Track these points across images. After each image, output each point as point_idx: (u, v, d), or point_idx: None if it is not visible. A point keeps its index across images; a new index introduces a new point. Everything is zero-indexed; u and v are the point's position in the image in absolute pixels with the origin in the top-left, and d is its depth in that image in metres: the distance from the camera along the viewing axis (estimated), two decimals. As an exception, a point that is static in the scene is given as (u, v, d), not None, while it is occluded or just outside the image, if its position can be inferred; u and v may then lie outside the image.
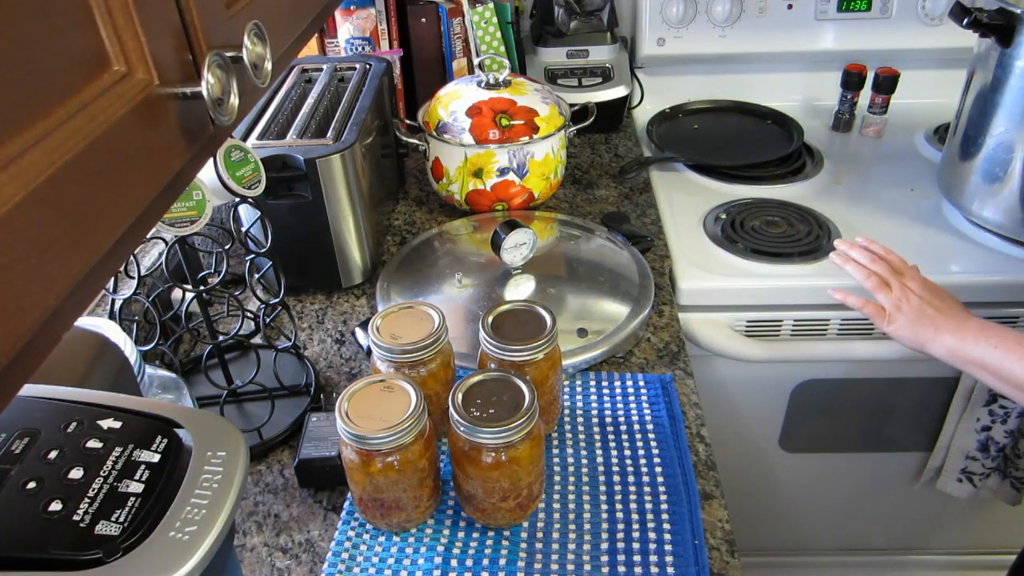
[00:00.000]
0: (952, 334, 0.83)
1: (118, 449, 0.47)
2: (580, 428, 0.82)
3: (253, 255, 0.85)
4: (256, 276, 0.96)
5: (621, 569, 0.68)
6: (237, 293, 0.93)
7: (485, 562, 0.69)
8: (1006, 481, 1.16)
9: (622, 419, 0.83)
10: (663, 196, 1.23)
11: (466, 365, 0.84)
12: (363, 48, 1.29)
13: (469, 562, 0.69)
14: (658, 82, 1.51)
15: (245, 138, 0.97)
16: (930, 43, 1.41)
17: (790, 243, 1.11)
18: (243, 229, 0.88)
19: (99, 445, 0.47)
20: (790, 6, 1.41)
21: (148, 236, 0.77)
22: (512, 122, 1.08)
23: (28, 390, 0.51)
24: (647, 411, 0.84)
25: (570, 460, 0.79)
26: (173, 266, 0.86)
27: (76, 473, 0.45)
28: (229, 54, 0.40)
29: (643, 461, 0.78)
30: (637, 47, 1.48)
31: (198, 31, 0.39)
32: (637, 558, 0.68)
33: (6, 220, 0.25)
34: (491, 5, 1.33)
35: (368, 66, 1.16)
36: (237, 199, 0.79)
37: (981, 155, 1.07)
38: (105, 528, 0.42)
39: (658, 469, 0.77)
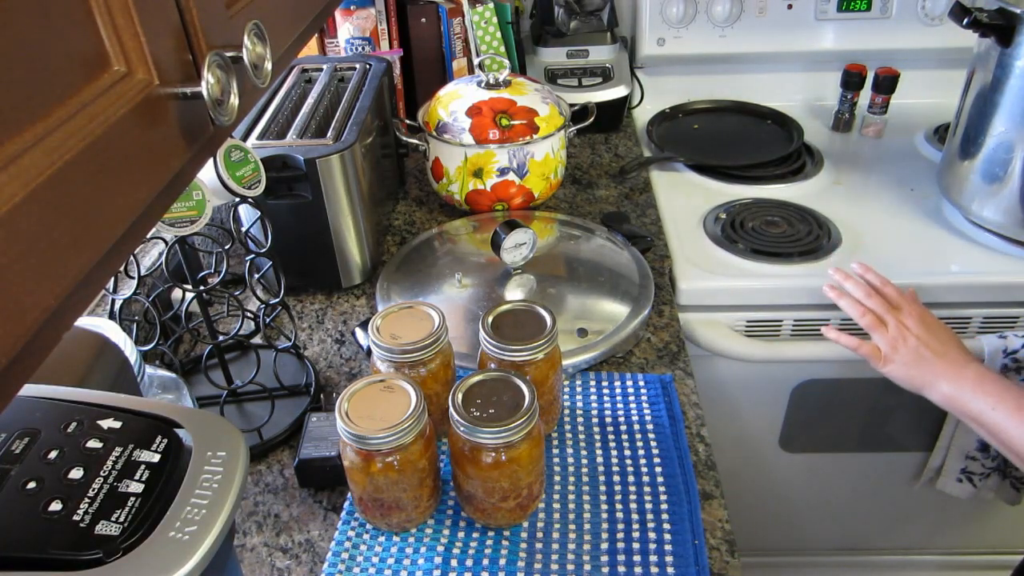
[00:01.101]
0: (950, 382, 0.80)
1: (118, 449, 0.47)
2: (580, 428, 0.82)
3: (253, 255, 0.85)
4: (256, 276, 0.96)
5: (621, 569, 0.68)
6: (237, 293, 0.93)
7: (485, 562, 0.69)
8: (1006, 481, 1.16)
9: (622, 419, 0.83)
10: (663, 196, 1.23)
11: (466, 365, 0.84)
12: (363, 48, 1.29)
13: (469, 562, 0.69)
14: (658, 82, 1.51)
15: (245, 138, 0.97)
16: (930, 43, 1.41)
17: (790, 243, 1.11)
18: (243, 229, 0.88)
19: (99, 445, 0.47)
20: (790, 6, 1.41)
21: (148, 236, 0.77)
22: (512, 122, 1.08)
23: (28, 390, 0.51)
24: (647, 411, 0.84)
25: (570, 460, 0.79)
26: (173, 266, 0.86)
27: (76, 473, 0.45)
28: (229, 54, 0.40)
29: (643, 461, 0.78)
30: (637, 47, 1.47)
31: (198, 31, 0.39)
32: (637, 558, 0.68)
33: (6, 220, 0.25)
34: (491, 5, 1.33)
35: (368, 66, 1.16)
36: (237, 199, 0.79)
37: (981, 155, 1.07)
38: (105, 528, 0.42)
39: (658, 469, 0.77)
